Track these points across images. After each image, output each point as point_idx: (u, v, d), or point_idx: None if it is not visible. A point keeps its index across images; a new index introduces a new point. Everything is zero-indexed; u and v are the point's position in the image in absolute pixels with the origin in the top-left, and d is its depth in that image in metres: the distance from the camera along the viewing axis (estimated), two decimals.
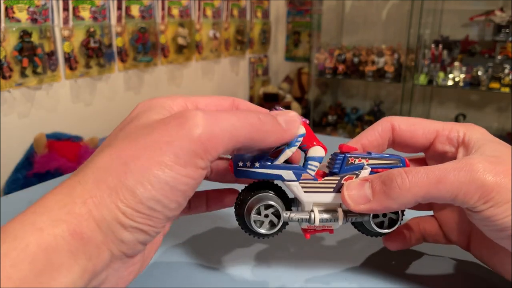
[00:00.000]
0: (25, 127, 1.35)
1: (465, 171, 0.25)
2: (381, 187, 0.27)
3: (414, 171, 0.26)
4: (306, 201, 0.28)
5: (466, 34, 2.10)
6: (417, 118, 0.33)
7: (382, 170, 0.29)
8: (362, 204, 0.27)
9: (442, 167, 0.26)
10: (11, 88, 1.29)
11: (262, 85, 2.55)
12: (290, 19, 2.61)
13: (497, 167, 0.25)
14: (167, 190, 0.22)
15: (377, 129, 0.32)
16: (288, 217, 0.28)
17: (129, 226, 0.22)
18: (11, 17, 1.25)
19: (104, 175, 0.22)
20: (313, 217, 0.28)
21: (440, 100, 2.30)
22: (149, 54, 1.73)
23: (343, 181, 0.28)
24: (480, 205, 0.25)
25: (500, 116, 2.16)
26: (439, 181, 0.25)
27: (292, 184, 0.28)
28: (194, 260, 0.34)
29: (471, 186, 0.25)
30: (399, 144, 0.33)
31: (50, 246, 0.20)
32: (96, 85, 1.57)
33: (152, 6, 1.72)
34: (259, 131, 0.25)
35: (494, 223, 0.25)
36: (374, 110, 2.39)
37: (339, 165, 0.29)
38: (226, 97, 0.31)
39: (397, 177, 0.26)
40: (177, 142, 0.22)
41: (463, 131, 0.30)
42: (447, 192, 0.25)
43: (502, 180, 0.25)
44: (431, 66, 2.08)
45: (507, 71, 1.91)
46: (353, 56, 2.27)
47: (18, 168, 1.29)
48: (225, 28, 2.16)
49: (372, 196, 0.27)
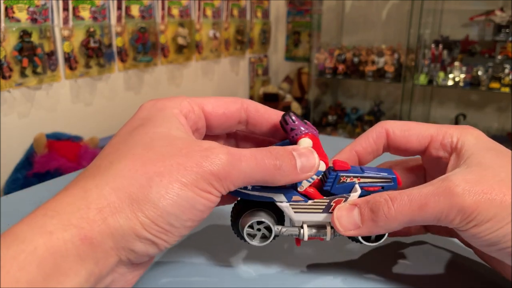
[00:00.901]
0: (25, 127, 1.35)
1: (444, 196, 0.26)
2: (369, 215, 0.28)
3: (399, 197, 0.27)
4: (296, 220, 0.30)
5: (466, 34, 2.10)
6: (411, 122, 0.33)
7: (373, 188, 0.30)
8: (352, 230, 0.29)
9: (424, 191, 0.27)
10: (11, 88, 1.28)
11: (262, 85, 2.55)
12: (290, 19, 2.61)
13: (476, 187, 0.26)
14: (187, 208, 0.24)
15: (371, 135, 0.33)
16: (279, 231, 0.30)
17: (144, 237, 0.23)
18: (11, 17, 1.25)
19: (126, 184, 0.23)
20: (302, 233, 0.30)
21: (440, 100, 2.31)
22: (149, 54, 1.73)
23: (332, 203, 0.29)
24: (463, 226, 0.26)
25: (500, 116, 2.16)
26: (421, 208, 0.26)
27: (283, 205, 0.29)
28: (193, 259, 0.34)
29: (452, 211, 0.26)
30: (394, 149, 0.33)
31: (59, 250, 0.20)
32: (96, 85, 1.57)
33: (152, 6, 1.72)
34: (272, 176, 0.26)
35: (480, 240, 0.26)
36: (374, 110, 2.39)
37: (330, 183, 0.30)
38: (235, 99, 0.31)
39: (384, 205, 0.27)
40: (199, 170, 0.24)
41: (457, 136, 0.30)
42: (430, 217, 0.26)
43: (481, 199, 0.25)
44: (431, 66, 2.08)
45: (507, 71, 1.91)
46: (353, 56, 2.27)
47: (18, 168, 1.29)
48: (225, 28, 2.16)
49: (361, 222, 0.28)
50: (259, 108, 0.31)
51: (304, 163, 0.27)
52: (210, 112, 0.30)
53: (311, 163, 0.28)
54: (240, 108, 0.31)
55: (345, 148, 0.34)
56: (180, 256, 0.35)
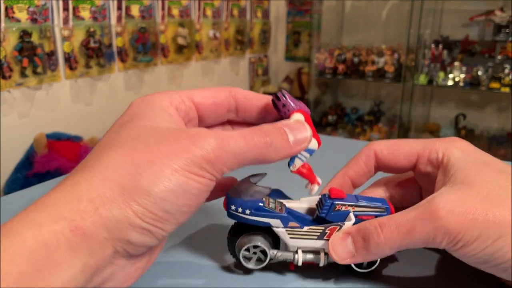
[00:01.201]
0: (25, 127, 1.35)
1: (429, 220, 0.26)
2: (362, 244, 0.29)
3: (387, 224, 0.28)
4: (292, 245, 0.31)
5: (466, 34, 2.09)
6: (399, 140, 0.33)
7: (367, 217, 0.31)
8: (347, 259, 0.30)
9: (410, 217, 0.27)
10: (11, 88, 1.29)
11: (262, 85, 2.55)
12: (290, 19, 2.61)
13: (460, 208, 0.26)
14: (181, 193, 0.23)
15: (360, 158, 0.34)
16: (274, 255, 0.31)
17: (139, 226, 0.22)
18: (11, 17, 1.25)
19: (115, 174, 0.23)
20: (297, 258, 0.31)
21: (440, 100, 2.30)
22: (149, 54, 1.73)
23: (327, 230, 0.30)
24: (450, 247, 0.26)
25: (500, 116, 2.16)
26: (408, 233, 0.27)
27: (280, 230, 0.30)
28: (193, 259, 0.34)
29: (438, 234, 0.26)
30: (384, 168, 0.34)
31: (49, 242, 0.20)
32: (96, 85, 1.57)
33: (152, 6, 1.72)
34: (264, 154, 0.26)
35: (471, 259, 0.26)
36: (374, 110, 2.39)
37: (326, 210, 0.31)
38: (223, 88, 0.31)
39: (373, 233, 0.28)
40: (189, 155, 0.24)
41: (442, 151, 0.31)
42: (418, 241, 0.27)
43: (466, 219, 0.26)
44: (431, 66, 2.08)
45: (507, 71, 1.91)
46: (353, 56, 2.27)
47: (18, 168, 1.29)
48: (225, 28, 2.16)
49: (355, 251, 0.29)
50: (247, 94, 0.31)
51: (297, 136, 0.27)
52: (200, 102, 0.30)
53: (303, 135, 0.28)
54: (229, 96, 0.31)
55: (338, 173, 0.35)
56: (178, 256, 0.35)
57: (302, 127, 0.28)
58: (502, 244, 0.25)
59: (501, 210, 0.26)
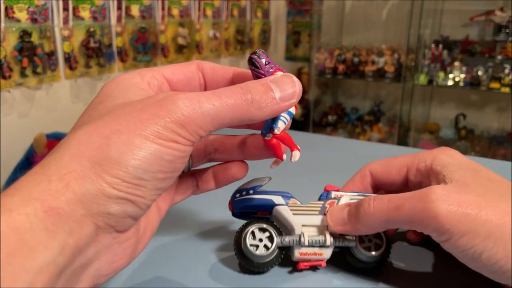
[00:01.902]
0: (25, 127, 1.35)
1: (420, 200, 0.26)
2: (353, 211, 0.30)
3: (380, 198, 0.28)
4: (295, 222, 0.31)
5: (466, 34, 2.09)
6: (391, 158, 0.35)
7: None
8: (339, 226, 0.30)
9: (403, 195, 0.28)
10: (11, 88, 1.29)
11: None
12: (290, 19, 2.61)
13: (453, 197, 0.26)
14: (153, 160, 0.22)
15: (357, 178, 0.35)
16: (281, 240, 0.31)
17: (116, 197, 0.22)
18: (11, 17, 1.25)
19: (83, 149, 0.22)
20: (303, 239, 0.31)
21: (440, 100, 2.30)
22: (149, 54, 1.73)
23: (326, 204, 0.32)
24: (437, 236, 0.26)
25: (500, 116, 2.16)
26: (397, 208, 0.27)
27: (282, 207, 0.32)
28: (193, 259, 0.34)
29: (424, 215, 0.26)
30: (380, 186, 0.35)
31: (21, 226, 0.19)
32: (96, 85, 1.57)
33: (152, 6, 1.72)
34: (246, 113, 0.24)
35: (459, 254, 0.26)
36: (374, 110, 2.39)
37: (323, 198, 0.33)
38: (190, 62, 0.30)
39: (365, 202, 0.29)
40: (158, 120, 0.23)
41: (430, 159, 0.31)
42: (404, 218, 0.27)
43: (457, 210, 0.25)
44: (431, 66, 2.08)
45: (507, 71, 1.91)
46: (353, 56, 2.27)
47: (18, 168, 1.29)
48: (225, 28, 2.16)
49: (347, 219, 0.30)
50: (213, 66, 0.30)
51: (284, 91, 0.25)
52: (171, 77, 0.29)
53: (292, 90, 0.26)
54: (196, 69, 0.30)
55: None
56: (178, 257, 0.35)
57: (290, 81, 0.26)
58: (492, 244, 0.25)
59: (495, 211, 0.25)
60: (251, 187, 0.32)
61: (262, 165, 0.33)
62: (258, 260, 0.31)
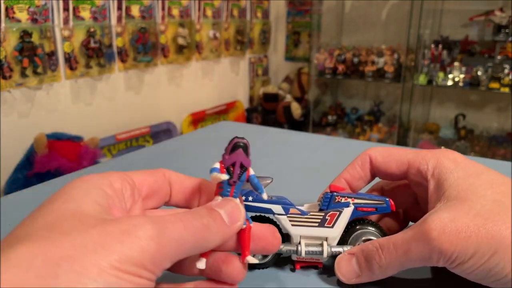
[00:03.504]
0: (25, 127, 1.35)
1: (423, 242, 0.27)
2: (365, 264, 0.30)
3: (386, 246, 0.28)
4: (294, 233, 0.31)
5: (466, 34, 2.10)
6: (393, 148, 0.34)
7: (367, 209, 0.32)
8: (353, 279, 0.30)
9: (406, 238, 0.28)
10: (11, 88, 1.29)
11: (262, 85, 2.55)
12: (290, 19, 2.61)
13: (453, 226, 0.26)
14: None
15: (357, 162, 0.35)
16: None
17: None
18: (11, 17, 1.25)
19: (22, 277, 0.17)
20: (300, 249, 0.31)
21: (440, 100, 2.30)
22: (149, 54, 1.73)
23: (327, 216, 0.31)
24: (448, 265, 0.27)
25: (500, 116, 2.16)
26: (406, 254, 0.28)
27: (281, 217, 0.31)
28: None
29: (433, 254, 0.26)
30: (378, 174, 0.35)
31: None
32: (96, 85, 1.57)
33: (152, 6, 1.73)
34: (204, 237, 0.23)
35: (470, 275, 0.27)
36: (374, 110, 2.39)
37: (326, 203, 0.32)
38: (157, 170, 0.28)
39: (375, 255, 0.29)
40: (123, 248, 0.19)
41: (433, 163, 0.31)
42: (416, 262, 0.27)
43: (458, 238, 0.26)
44: (431, 66, 2.08)
45: (506, 71, 1.91)
46: (353, 56, 2.27)
47: (18, 168, 1.29)
48: (225, 28, 2.17)
49: (359, 271, 0.30)
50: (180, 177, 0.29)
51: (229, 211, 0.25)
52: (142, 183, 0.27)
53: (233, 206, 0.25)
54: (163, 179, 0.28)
55: (335, 178, 0.35)
56: None
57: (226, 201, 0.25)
58: (498, 259, 0.25)
59: (495, 225, 0.26)
60: (251, 190, 0.30)
61: (262, 164, 0.33)
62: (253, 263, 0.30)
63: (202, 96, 2.12)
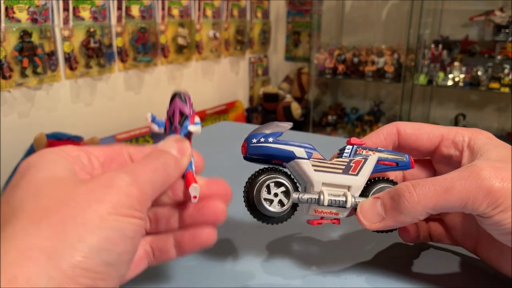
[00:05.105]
0: (25, 127, 1.35)
1: (471, 179, 0.26)
2: (391, 204, 0.28)
3: (421, 183, 0.27)
4: (316, 180, 0.29)
5: (466, 34, 2.10)
6: (422, 123, 0.33)
7: (388, 163, 0.30)
8: (377, 222, 0.28)
9: (448, 176, 0.26)
10: (11, 88, 1.29)
11: (262, 85, 2.55)
12: (290, 19, 2.61)
13: (503, 173, 0.26)
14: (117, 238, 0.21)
15: (382, 132, 0.33)
16: (298, 197, 0.29)
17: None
18: (11, 17, 1.25)
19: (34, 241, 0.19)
20: (322, 198, 0.29)
21: (440, 100, 2.31)
22: (149, 54, 1.73)
23: (351, 163, 0.29)
24: (489, 211, 0.26)
25: (500, 116, 2.16)
26: (446, 191, 0.26)
27: (303, 162, 0.29)
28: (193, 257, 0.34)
29: (479, 194, 0.25)
30: (405, 147, 0.33)
31: None
32: (96, 85, 1.57)
33: (152, 6, 1.72)
34: (167, 175, 0.26)
35: (503, 227, 0.26)
36: (374, 110, 2.39)
37: (348, 154, 0.30)
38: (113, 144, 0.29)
39: (405, 191, 0.27)
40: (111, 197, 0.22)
41: (468, 135, 0.31)
42: (456, 201, 0.26)
43: (508, 185, 0.25)
44: (431, 66, 2.08)
45: (506, 71, 1.91)
46: (353, 56, 2.27)
47: None
48: (225, 28, 2.17)
49: (384, 213, 0.28)
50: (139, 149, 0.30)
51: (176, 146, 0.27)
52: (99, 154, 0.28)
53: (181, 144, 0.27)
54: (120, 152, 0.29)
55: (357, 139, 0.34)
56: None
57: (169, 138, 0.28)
58: None
59: None
60: (271, 133, 0.29)
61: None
62: (270, 215, 0.29)
63: (202, 96, 2.12)
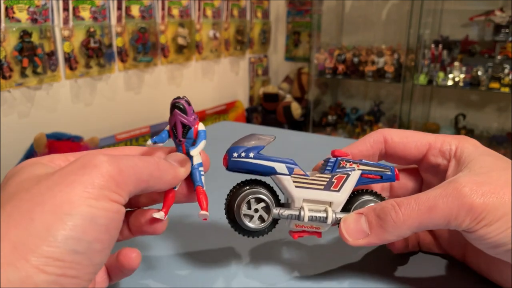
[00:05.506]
0: (25, 127, 1.35)
1: (453, 197, 0.26)
2: (377, 221, 0.27)
3: (406, 202, 0.27)
4: (297, 196, 0.28)
5: (466, 34, 2.09)
6: (409, 131, 0.33)
7: (372, 176, 0.30)
8: (360, 239, 0.28)
9: (431, 194, 0.27)
10: (11, 88, 1.29)
11: (262, 85, 2.55)
12: (290, 19, 2.61)
13: (484, 188, 0.26)
14: (86, 226, 0.20)
15: (368, 140, 0.33)
16: (278, 213, 0.28)
17: (45, 282, 0.18)
18: (11, 17, 1.25)
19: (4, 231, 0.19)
20: (303, 214, 0.28)
21: (440, 100, 2.30)
22: (149, 54, 1.73)
23: (333, 179, 0.29)
24: (473, 226, 0.26)
25: (500, 116, 2.16)
26: (430, 210, 0.26)
27: (284, 178, 0.28)
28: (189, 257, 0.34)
29: (461, 211, 0.26)
30: (392, 156, 0.33)
31: None
32: (96, 85, 1.57)
33: (152, 6, 1.72)
34: (158, 170, 0.25)
35: (488, 241, 0.26)
36: (374, 110, 2.39)
37: (331, 167, 0.29)
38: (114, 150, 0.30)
39: (391, 210, 0.27)
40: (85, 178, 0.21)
41: (455, 144, 0.31)
42: (440, 219, 0.26)
43: (489, 199, 0.25)
44: (431, 66, 2.08)
45: (507, 71, 1.91)
46: (353, 56, 2.27)
47: None
48: (225, 28, 2.17)
49: (369, 230, 0.28)
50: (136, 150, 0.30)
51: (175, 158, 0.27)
52: None
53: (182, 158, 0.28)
54: None
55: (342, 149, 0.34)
56: (176, 256, 0.35)
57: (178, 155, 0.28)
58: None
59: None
60: (252, 147, 0.28)
61: None
62: (250, 230, 0.29)
63: (202, 96, 2.12)
